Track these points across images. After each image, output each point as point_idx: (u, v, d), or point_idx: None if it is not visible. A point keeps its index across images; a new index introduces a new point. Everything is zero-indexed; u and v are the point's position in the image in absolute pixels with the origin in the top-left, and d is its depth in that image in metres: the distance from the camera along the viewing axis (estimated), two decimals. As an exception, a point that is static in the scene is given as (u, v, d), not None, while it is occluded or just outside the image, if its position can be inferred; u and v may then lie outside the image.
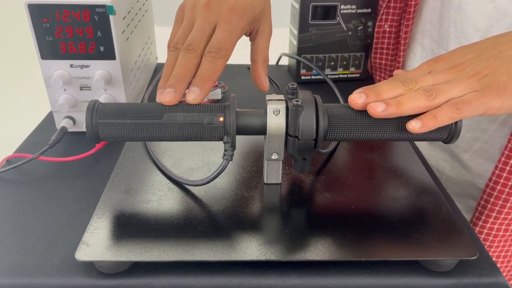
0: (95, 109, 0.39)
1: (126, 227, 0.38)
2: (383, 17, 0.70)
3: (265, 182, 0.45)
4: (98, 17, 0.49)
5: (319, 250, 0.37)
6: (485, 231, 0.57)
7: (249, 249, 0.37)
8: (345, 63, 0.75)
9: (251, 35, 0.50)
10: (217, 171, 0.41)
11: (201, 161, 0.48)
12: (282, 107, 0.40)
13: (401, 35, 0.69)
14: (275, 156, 0.42)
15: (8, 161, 0.51)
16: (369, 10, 0.71)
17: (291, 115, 0.39)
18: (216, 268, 0.37)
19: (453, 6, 0.59)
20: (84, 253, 0.35)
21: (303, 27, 0.70)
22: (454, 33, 0.59)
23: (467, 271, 0.37)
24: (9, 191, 0.46)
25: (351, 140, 0.41)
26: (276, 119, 0.40)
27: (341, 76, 0.76)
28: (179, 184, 0.44)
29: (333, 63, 0.74)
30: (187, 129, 0.39)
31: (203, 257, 0.36)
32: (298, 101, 0.39)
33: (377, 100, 0.38)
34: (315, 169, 0.48)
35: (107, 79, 0.52)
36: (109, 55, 0.51)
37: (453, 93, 0.38)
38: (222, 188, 0.44)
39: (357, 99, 0.39)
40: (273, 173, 0.44)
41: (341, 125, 0.40)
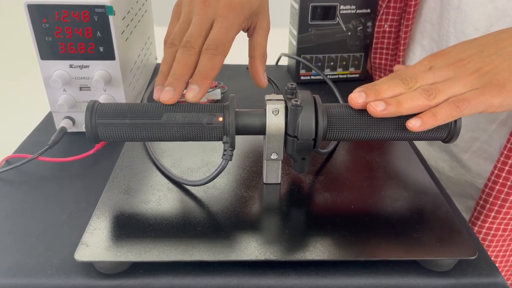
0: (94, 109, 0.39)
1: (125, 227, 0.39)
2: (383, 17, 0.70)
3: (265, 182, 0.45)
4: (97, 18, 0.49)
5: (319, 250, 0.37)
6: (483, 230, 0.57)
7: (249, 249, 0.37)
8: (344, 63, 0.75)
9: (248, 31, 0.49)
10: (216, 171, 0.41)
11: (200, 161, 0.48)
12: (281, 107, 0.40)
13: (400, 35, 0.69)
14: (274, 156, 0.42)
15: (7, 161, 0.51)
16: (369, 10, 0.71)
17: (290, 115, 0.39)
18: (215, 268, 0.37)
19: (452, 6, 0.59)
20: (83, 254, 0.35)
21: (303, 27, 0.70)
22: (453, 33, 0.59)
23: (466, 271, 0.37)
24: (9, 191, 0.46)
25: (351, 139, 0.41)
26: (275, 119, 0.40)
27: (340, 76, 0.76)
28: (179, 184, 0.44)
29: (332, 63, 0.74)
30: (186, 129, 0.39)
31: (203, 257, 0.36)
32: (297, 101, 0.39)
33: (376, 99, 0.38)
34: (315, 169, 0.48)
35: (107, 79, 0.52)
36: (109, 55, 0.51)
37: (453, 91, 0.38)
38: (221, 188, 0.44)
39: (357, 98, 0.39)
40: (273, 173, 0.44)
41: (340, 124, 0.40)
